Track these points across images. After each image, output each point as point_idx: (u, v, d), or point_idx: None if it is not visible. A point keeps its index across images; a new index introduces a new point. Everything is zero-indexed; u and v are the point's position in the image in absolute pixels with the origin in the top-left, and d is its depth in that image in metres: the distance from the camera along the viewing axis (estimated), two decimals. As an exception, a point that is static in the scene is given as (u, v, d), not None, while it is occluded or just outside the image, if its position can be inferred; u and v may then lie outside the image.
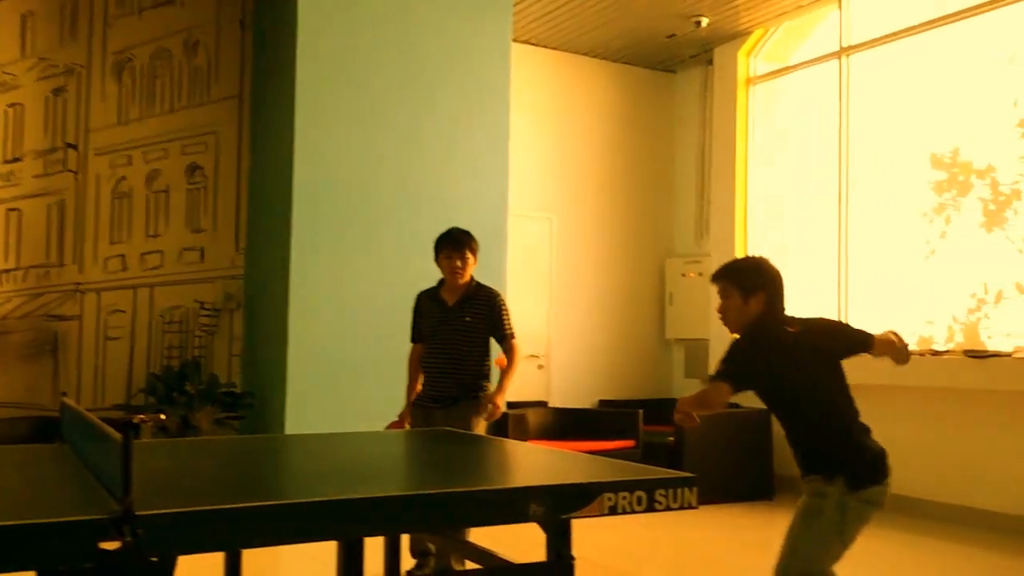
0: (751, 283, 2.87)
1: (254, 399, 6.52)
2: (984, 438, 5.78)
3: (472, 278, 4.27)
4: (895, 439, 6.63)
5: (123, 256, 6.82)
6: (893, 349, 3.00)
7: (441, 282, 4.33)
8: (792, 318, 2.88)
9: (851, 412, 2.84)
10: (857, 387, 6.55)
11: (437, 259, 4.28)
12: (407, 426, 4.29)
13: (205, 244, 7.02)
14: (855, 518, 2.70)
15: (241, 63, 7.18)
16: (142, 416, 6.07)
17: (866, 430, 2.83)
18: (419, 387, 4.37)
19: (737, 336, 2.88)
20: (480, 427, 4.20)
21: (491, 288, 4.33)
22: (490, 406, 4.24)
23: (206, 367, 6.88)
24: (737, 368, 2.75)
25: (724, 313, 2.93)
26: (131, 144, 6.87)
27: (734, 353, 2.79)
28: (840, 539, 2.67)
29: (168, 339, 6.89)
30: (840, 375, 2.87)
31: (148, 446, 3.50)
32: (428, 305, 4.32)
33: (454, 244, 4.23)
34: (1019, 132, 5.91)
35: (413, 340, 4.41)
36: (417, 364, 4.38)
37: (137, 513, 1.70)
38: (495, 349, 4.34)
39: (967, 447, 5.88)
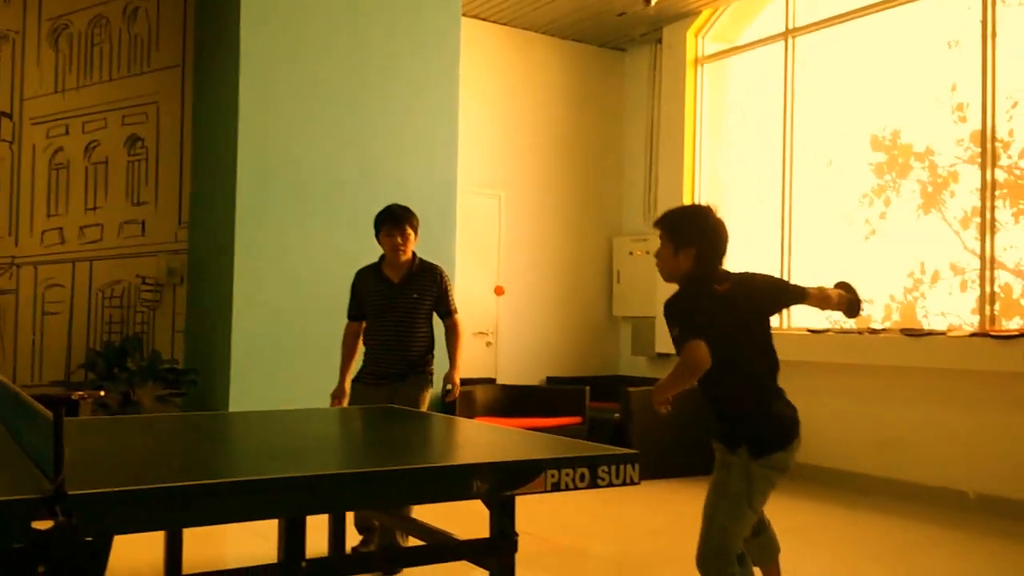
0: (683, 237, 2.80)
1: (197, 376, 6.43)
2: (919, 414, 5.95)
3: (414, 254, 4.24)
4: (834, 414, 6.82)
5: (61, 229, 6.65)
6: (831, 303, 2.99)
7: (381, 259, 4.28)
8: (725, 273, 2.81)
9: (767, 378, 2.81)
10: (798, 364, 6.68)
11: (378, 236, 4.24)
12: (344, 404, 4.25)
13: (147, 217, 6.87)
14: (762, 485, 2.72)
15: (183, 31, 7.01)
16: (81, 393, 5.96)
17: (778, 392, 2.82)
18: (353, 365, 4.33)
19: (670, 298, 2.80)
20: (425, 403, 4.20)
21: (434, 264, 4.31)
22: (450, 386, 4.27)
23: (148, 343, 6.76)
24: (695, 320, 2.67)
25: (657, 260, 2.91)
26: (69, 113, 6.68)
27: (679, 313, 2.71)
28: (750, 508, 2.71)
29: (109, 314, 6.74)
30: (761, 334, 2.83)
31: (87, 423, 3.43)
32: (371, 282, 4.25)
33: (394, 221, 4.17)
34: (957, 116, 6.05)
35: (351, 317, 4.36)
36: (354, 342, 4.33)
37: (70, 492, 1.67)
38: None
39: (903, 422, 6.05)
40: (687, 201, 7.72)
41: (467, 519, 3.22)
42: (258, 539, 4.19)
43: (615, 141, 8.60)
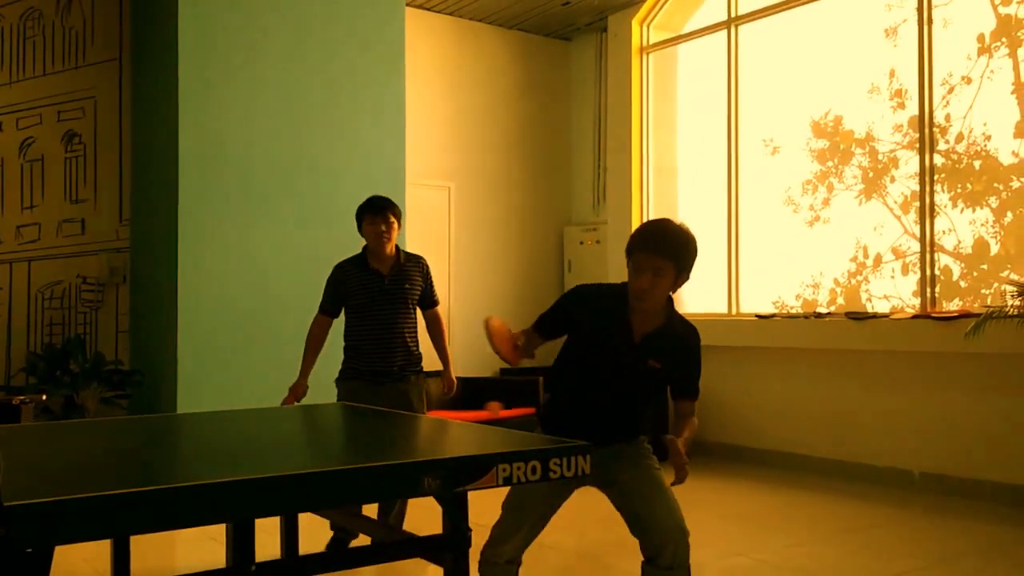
0: (688, 264, 2.65)
1: (143, 377, 6.30)
2: (865, 395, 6.08)
3: (397, 246, 4.17)
4: (781, 398, 6.93)
5: (-4, 229, 6.46)
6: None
7: (364, 252, 4.16)
8: None
9: None
10: (746, 349, 6.80)
11: (360, 227, 4.12)
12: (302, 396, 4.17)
13: (86, 215, 6.70)
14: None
15: (120, 24, 6.83)
16: (23, 397, 5.78)
17: None
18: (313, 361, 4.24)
19: (695, 332, 2.80)
20: (425, 402, 4.18)
21: (417, 254, 4.25)
22: (450, 382, 4.28)
23: (91, 344, 6.60)
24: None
25: (650, 291, 2.62)
26: (2, 110, 6.48)
27: (699, 367, 2.80)
28: None
29: (49, 316, 6.57)
30: None
31: (28, 429, 3.34)
32: (357, 276, 4.11)
33: (377, 210, 4.07)
34: (896, 102, 6.17)
35: (325, 312, 4.20)
36: (323, 336, 4.22)
37: (7, 503, 1.62)
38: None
39: (848, 404, 6.17)
40: (636, 191, 7.77)
41: (423, 514, 3.21)
42: (210, 542, 4.13)
43: (563, 130, 8.61)
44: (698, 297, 7.32)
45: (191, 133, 6.04)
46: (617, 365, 2.69)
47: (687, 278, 2.68)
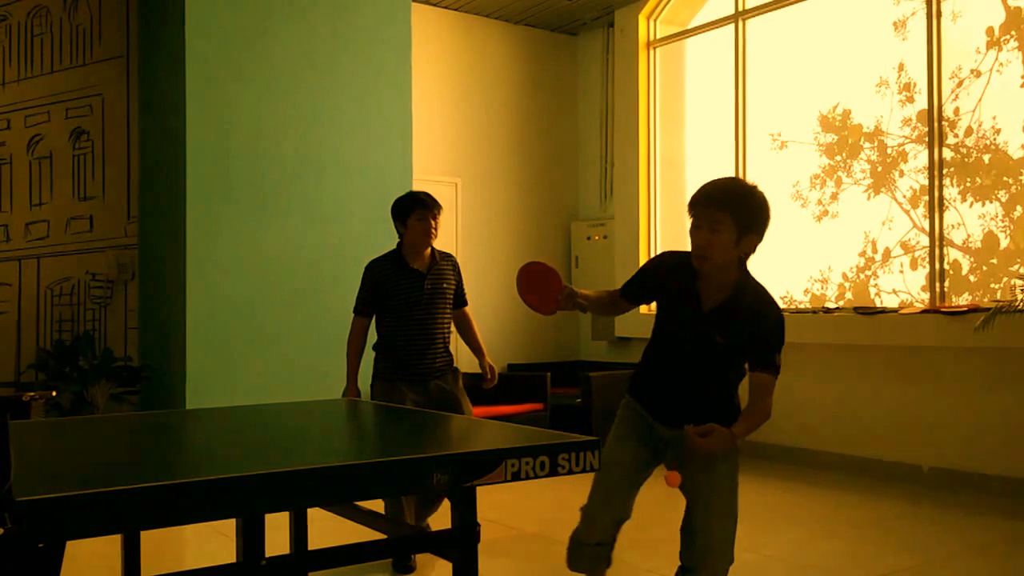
0: (752, 221, 2.42)
1: (152, 373, 6.32)
2: (872, 390, 6.06)
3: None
4: (790, 393, 6.92)
5: (6, 227, 6.48)
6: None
7: (399, 249, 4.04)
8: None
9: None
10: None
11: (404, 221, 3.98)
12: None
13: (95, 212, 6.73)
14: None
15: (127, 20, 6.85)
16: (33, 394, 5.82)
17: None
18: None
19: (774, 305, 2.57)
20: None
21: (448, 252, 4.17)
22: (492, 369, 4.21)
23: (100, 341, 6.63)
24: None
25: (707, 248, 2.43)
26: (10, 107, 6.50)
27: (782, 333, 2.53)
28: None
29: (58, 312, 6.60)
30: None
31: (38, 425, 3.35)
32: (396, 274, 3.97)
33: (425, 205, 3.95)
34: (904, 96, 6.14)
35: (362, 313, 4.06)
36: (364, 339, 4.07)
37: (18, 499, 1.63)
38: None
39: (857, 399, 6.15)
40: (643, 186, 7.75)
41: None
42: (220, 537, 4.15)
43: (569, 126, 8.60)
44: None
45: (198, 130, 6.05)
46: (684, 338, 2.56)
47: (757, 239, 2.45)
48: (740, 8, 7.10)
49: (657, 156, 7.81)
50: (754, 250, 2.52)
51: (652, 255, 7.65)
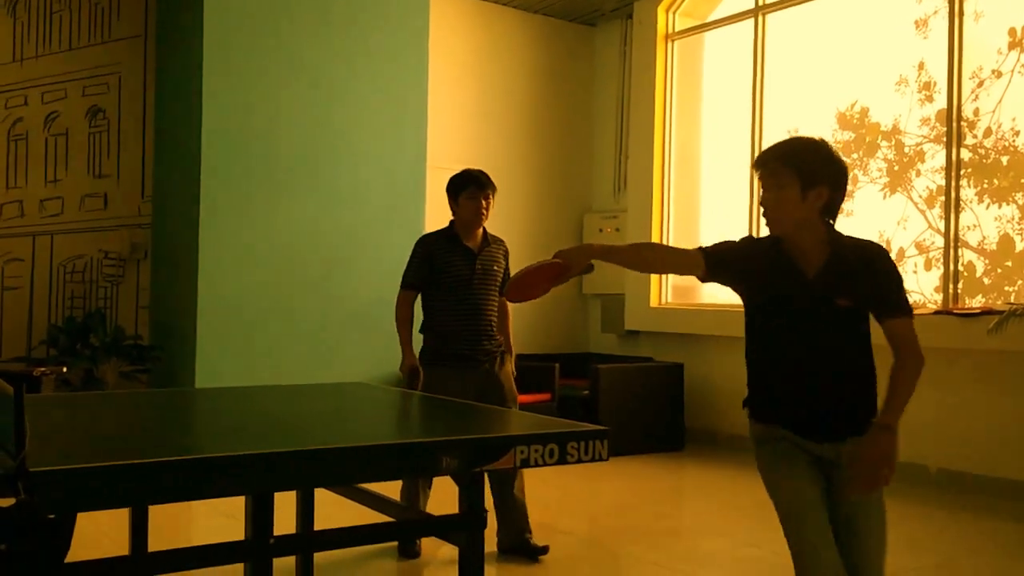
0: (816, 172, 2.27)
1: (162, 352, 6.35)
2: (881, 391, 6.02)
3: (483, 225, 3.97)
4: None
5: (20, 202, 6.50)
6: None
7: (451, 227, 3.95)
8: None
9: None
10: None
11: (456, 200, 3.90)
12: (420, 381, 3.90)
13: (109, 191, 6.74)
14: None
15: (145, 0, 6.85)
16: (44, 369, 5.85)
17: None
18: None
19: (878, 247, 2.34)
20: None
21: (499, 236, 4.09)
22: (513, 371, 4.06)
23: (111, 319, 6.65)
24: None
25: (773, 208, 2.29)
26: (27, 83, 6.51)
27: (896, 273, 2.30)
28: None
29: (71, 289, 6.63)
30: None
31: (49, 400, 3.37)
32: (448, 251, 3.87)
33: (479, 184, 3.85)
34: (923, 95, 6.10)
35: (410, 287, 3.95)
36: (412, 313, 3.94)
37: (32, 469, 1.64)
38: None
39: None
40: (657, 179, 7.72)
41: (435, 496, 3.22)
42: (224, 519, 4.16)
43: (585, 117, 8.57)
44: (718, 287, 7.30)
45: (214, 111, 6.06)
46: (799, 317, 2.30)
47: (828, 191, 2.26)
48: (760, 3, 7.06)
49: (672, 149, 7.78)
50: (833, 206, 2.30)
51: (664, 249, 7.62)
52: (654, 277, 7.60)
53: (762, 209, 2.33)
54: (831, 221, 2.32)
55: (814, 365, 2.30)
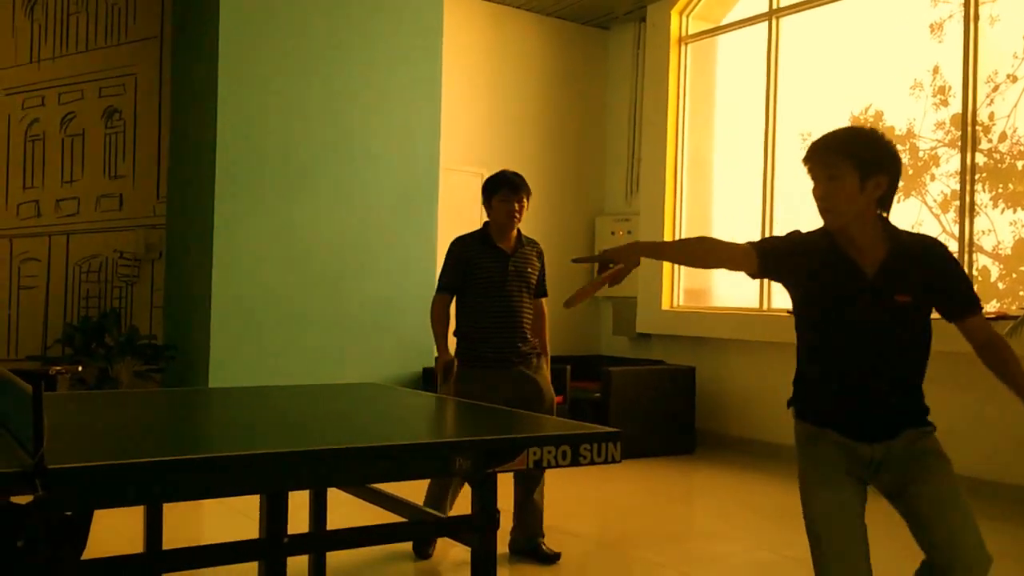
0: (874, 161, 2.16)
1: (176, 352, 6.38)
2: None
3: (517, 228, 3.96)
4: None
5: (37, 202, 6.55)
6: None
7: (486, 228, 3.95)
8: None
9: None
10: (779, 345, 6.64)
11: (488, 202, 3.91)
12: (453, 375, 3.88)
13: (124, 191, 6.79)
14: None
15: (161, 2, 6.90)
16: (59, 368, 5.90)
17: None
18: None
19: (938, 242, 2.26)
20: None
21: (533, 239, 4.07)
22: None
23: (126, 318, 6.70)
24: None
25: (829, 199, 2.18)
26: (44, 84, 6.57)
27: (965, 273, 2.26)
28: None
29: (86, 289, 6.67)
30: None
31: (64, 398, 3.40)
32: (481, 252, 3.88)
33: (512, 187, 3.86)
34: (938, 99, 6.08)
35: (448, 289, 3.93)
36: (448, 315, 3.94)
37: (49, 467, 1.65)
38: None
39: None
40: (669, 183, 7.72)
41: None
42: (239, 517, 4.18)
43: (598, 120, 8.58)
44: (729, 291, 7.29)
45: (229, 112, 6.10)
46: (858, 317, 2.19)
47: (886, 181, 2.16)
48: (775, 6, 7.05)
49: (685, 153, 7.77)
50: (889, 197, 2.21)
51: (676, 252, 7.61)
52: (666, 280, 7.60)
53: (816, 202, 2.21)
54: (884, 214, 2.23)
55: (872, 365, 2.20)
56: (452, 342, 4.00)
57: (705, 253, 2.37)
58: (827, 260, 2.22)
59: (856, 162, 2.15)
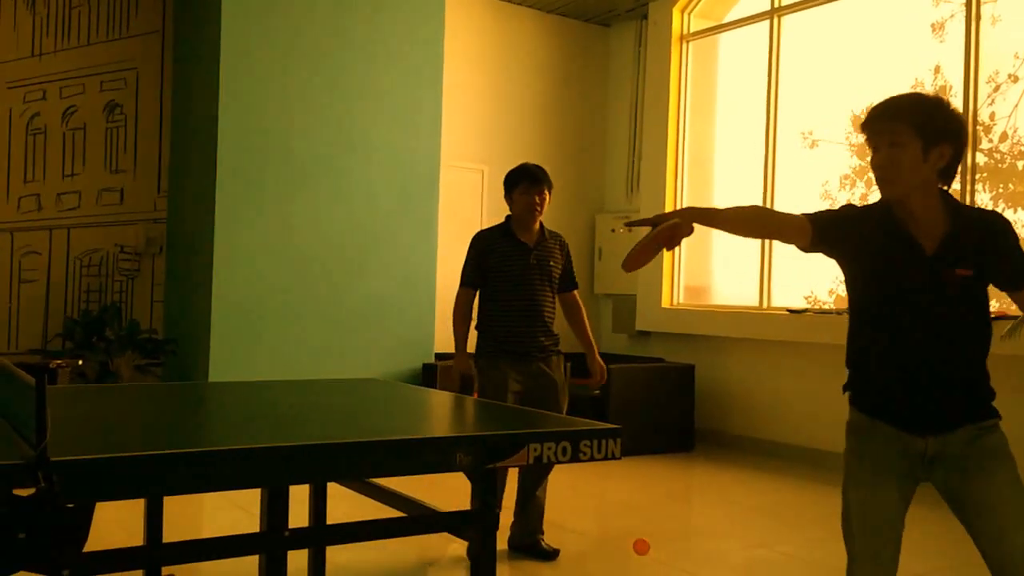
0: (940, 129, 2.03)
1: (176, 346, 6.39)
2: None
3: (540, 221, 3.93)
4: (812, 394, 6.85)
5: (38, 196, 6.56)
6: None
7: (507, 222, 3.93)
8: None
9: None
10: (774, 343, 6.64)
11: (509, 195, 3.90)
12: (472, 373, 3.88)
13: (125, 185, 6.79)
14: None
15: (164, -3, 6.90)
16: (59, 361, 5.88)
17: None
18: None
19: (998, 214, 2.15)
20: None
21: (557, 232, 4.05)
22: (600, 367, 4.04)
23: (126, 312, 6.70)
24: None
25: (889, 168, 2.05)
26: (46, 78, 6.57)
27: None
28: None
29: (86, 283, 6.68)
30: None
31: (65, 392, 3.40)
32: (503, 246, 3.86)
33: (532, 179, 3.83)
34: (940, 99, 6.08)
35: (470, 284, 3.93)
36: (471, 312, 3.94)
37: (52, 459, 1.66)
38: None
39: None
40: (670, 180, 7.72)
41: (446, 492, 3.24)
42: (238, 511, 4.19)
43: (598, 117, 8.58)
44: (729, 289, 7.29)
45: (230, 107, 6.10)
46: (916, 294, 2.06)
47: (949, 151, 2.04)
48: (776, 4, 7.05)
49: (686, 150, 7.78)
50: (953, 169, 2.08)
51: (675, 251, 7.63)
52: (666, 277, 7.60)
53: (874, 171, 2.10)
54: (945, 187, 2.10)
55: (929, 345, 2.07)
56: (474, 335, 3.98)
57: (759, 223, 2.29)
58: (884, 234, 2.10)
59: (920, 130, 2.02)
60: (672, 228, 2.09)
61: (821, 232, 2.15)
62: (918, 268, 2.06)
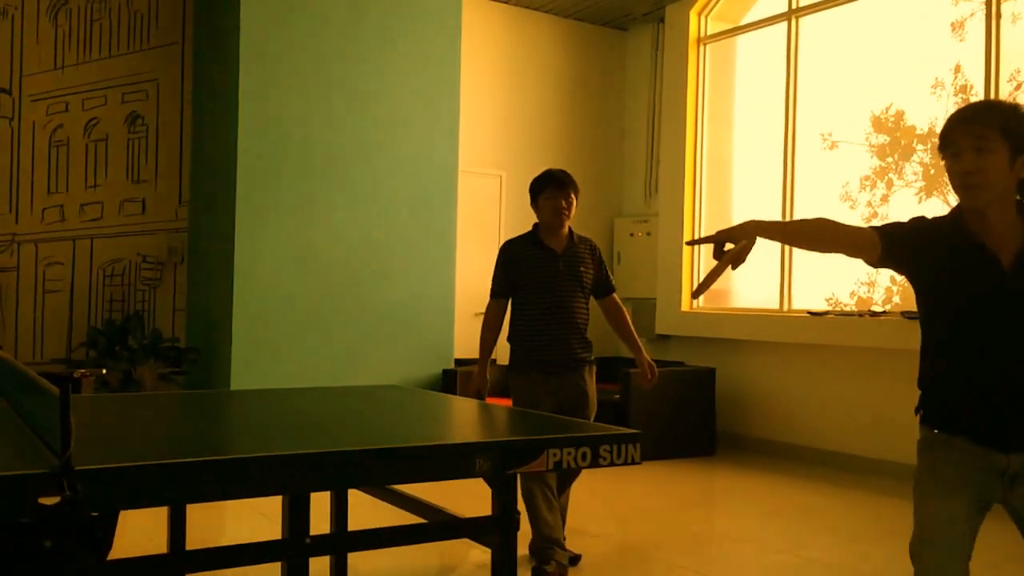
0: None
1: (199, 354, 6.44)
2: (915, 396, 5.96)
3: (569, 226, 3.89)
4: (834, 397, 6.80)
5: (61, 207, 6.64)
6: None
7: (535, 229, 3.88)
8: None
9: None
10: (795, 346, 6.62)
11: (535, 201, 3.85)
12: (486, 392, 3.83)
13: (147, 196, 6.86)
14: None
15: (183, 8, 6.97)
16: (83, 371, 5.97)
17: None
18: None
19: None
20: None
21: (587, 237, 3.99)
22: (651, 366, 3.97)
23: (149, 321, 6.77)
24: None
25: (977, 174, 1.95)
26: (68, 90, 6.65)
27: None
28: None
29: (109, 292, 6.75)
30: None
31: (89, 400, 3.44)
32: (530, 255, 3.80)
33: (557, 184, 3.79)
34: (960, 98, 6.03)
35: (501, 295, 3.87)
36: (500, 324, 3.87)
37: (76, 468, 1.68)
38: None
39: (901, 405, 6.05)
40: (688, 184, 7.70)
41: (464, 497, 3.24)
42: (260, 518, 4.22)
43: (616, 121, 8.57)
44: (749, 292, 7.26)
45: (249, 118, 6.15)
46: (992, 308, 1.98)
47: None
48: (794, 6, 7.02)
49: (704, 154, 7.75)
50: None
51: (694, 254, 7.60)
52: (685, 281, 7.58)
53: (955, 177, 2.01)
54: (1020, 198, 2.00)
55: (1010, 361, 1.99)
56: (506, 347, 3.93)
57: (826, 237, 2.19)
58: (958, 247, 2.02)
59: (1007, 135, 1.93)
60: (739, 250, 2.07)
61: (890, 247, 2.09)
62: (995, 283, 1.98)
